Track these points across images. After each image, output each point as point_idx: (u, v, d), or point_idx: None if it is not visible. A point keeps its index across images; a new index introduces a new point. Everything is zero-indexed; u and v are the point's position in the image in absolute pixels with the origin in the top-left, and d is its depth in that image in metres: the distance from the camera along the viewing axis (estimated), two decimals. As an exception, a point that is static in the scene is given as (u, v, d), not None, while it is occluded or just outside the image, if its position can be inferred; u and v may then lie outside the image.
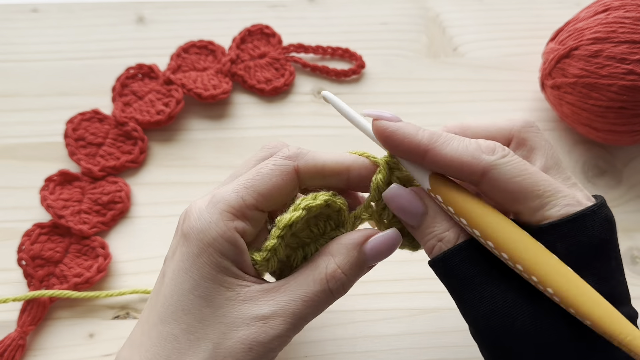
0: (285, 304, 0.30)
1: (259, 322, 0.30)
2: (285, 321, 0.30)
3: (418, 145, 0.29)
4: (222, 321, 0.30)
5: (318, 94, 0.59)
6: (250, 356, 0.30)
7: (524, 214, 0.29)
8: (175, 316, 0.30)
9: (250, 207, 0.31)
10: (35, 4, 0.62)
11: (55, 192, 0.51)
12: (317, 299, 0.31)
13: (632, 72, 0.48)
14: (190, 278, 0.30)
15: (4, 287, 0.48)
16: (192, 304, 0.30)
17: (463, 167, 0.29)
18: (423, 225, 0.31)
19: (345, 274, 0.32)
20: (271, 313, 0.30)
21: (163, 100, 0.56)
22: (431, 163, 0.30)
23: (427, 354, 0.46)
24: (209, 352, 0.29)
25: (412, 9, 0.65)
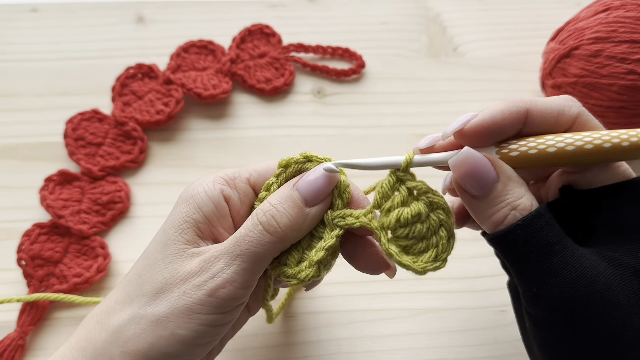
0: (220, 245, 0.31)
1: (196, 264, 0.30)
2: (220, 260, 0.30)
3: (519, 112, 0.30)
4: (167, 267, 0.31)
5: (318, 94, 0.59)
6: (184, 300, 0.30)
7: None
8: (139, 262, 0.32)
9: (243, 180, 0.34)
10: (35, 4, 0.62)
11: (54, 192, 0.51)
12: (247, 234, 0.31)
13: (632, 72, 0.47)
14: (162, 226, 0.33)
15: (3, 287, 0.48)
16: (152, 249, 0.32)
17: (559, 115, 0.30)
18: (493, 193, 0.30)
19: (274, 206, 0.31)
20: (207, 257, 0.31)
21: (163, 100, 0.56)
22: (532, 122, 0.30)
23: (427, 354, 0.46)
24: (148, 296, 0.30)
25: (413, 8, 0.65)
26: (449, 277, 0.49)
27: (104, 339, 0.30)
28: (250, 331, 0.46)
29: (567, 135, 0.30)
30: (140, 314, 0.30)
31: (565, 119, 0.30)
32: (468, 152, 0.30)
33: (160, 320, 0.29)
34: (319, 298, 0.48)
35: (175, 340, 0.29)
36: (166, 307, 0.29)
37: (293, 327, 0.47)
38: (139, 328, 0.29)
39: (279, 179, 0.34)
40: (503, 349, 0.46)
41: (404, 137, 0.57)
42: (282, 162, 0.34)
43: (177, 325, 0.29)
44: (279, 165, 0.34)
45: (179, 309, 0.29)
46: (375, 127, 0.57)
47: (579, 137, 0.30)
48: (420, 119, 0.58)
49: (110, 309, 0.31)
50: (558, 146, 0.30)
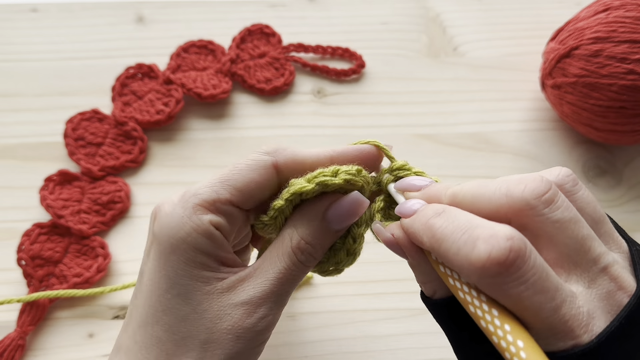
0: (262, 286, 0.30)
1: (241, 309, 0.30)
2: (266, 301, 0.30)
3: (422, 244, 0.28)
4: (205, 316, 0.29)
5: (318, 94, 0.59)
6: (239, 344, 0.29)
7: None
8: (156, 318, 0.30)
9: (225, 202, 0.30)
10: (34, 4, 0.62)
11: (54, 192, 0.51)
12: (290, 274, 0.31)
13: (632, 72, 0.47)
14: (165, 277, 0.30)
15: (3, 287, 0.48)
16: (171, 304, 0.29)
17: (461, 272, 0.25)
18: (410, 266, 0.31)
19: (310, 244, 0.31)
20: (250, 298, 0.30)
21: (163, 100, 0.56)
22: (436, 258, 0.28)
23: (427, 354, 0.46)
24: (197, 350, 0.29)
25: (413, 8, 0.65)
26: (449, 277, 0.49)
27: None
28: (250, 331, 0.46)
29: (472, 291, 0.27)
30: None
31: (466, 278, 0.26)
32: (376, 227, 0.31)
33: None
34: (319, 298, 0.48)
35: None
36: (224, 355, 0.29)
37: (293, 327, 0.47)
38: None
39: (292, 203, 0.31)
40: (503, 349, 0.46)
41: (404, 137, 0.57)
42: (296, 191, 0.30)
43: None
44: (293, 192, 0.30)
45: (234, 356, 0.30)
46: (375, 127, 0.57)
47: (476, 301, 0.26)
48: (420, 119, 0.58)
49: None
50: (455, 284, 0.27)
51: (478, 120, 0.58)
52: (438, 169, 0.54)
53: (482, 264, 0.23)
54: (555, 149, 0.57)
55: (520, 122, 0.58)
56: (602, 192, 0.55)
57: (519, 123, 0.58)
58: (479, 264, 0.23)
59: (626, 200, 0.55)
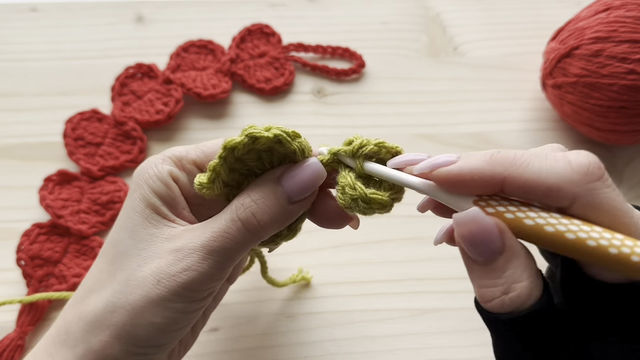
0: (196, 238, 0.30)
1: (169, 255, 0.30)
2: (194, 252, 0.30)
3: (491, 178, 0.25)
4: (140, 254, 0.30)
5: (318, 94, 0.59)
6: (158, 289, 0.29)
7: None
8: (107, 250, 0.32)
9: (190, 161, 0.33)
10: (34, 4, 0.62)
11: (54, 192, 0.51)
12: (226, 230, 0.30)
13: (633, 72, 0.47)
14: (124, 213, 0.32)
15: (3, 287, 0.48)
16: (120, 237, 0.32)
17: (550, 193, 0.24)
18: (491, 265, 0.25)
19: (256, 203, 0.30)
20: (180, 246, 0.30)
21: (162, 99, 0.56)
22: (511, 191, 0.25)
23: (427, 354, 0.46)
24: (122, 284, 0.30)
25: (413, 8, 0.65)
26: (449, 277, 0.49)
27: (82, 328, 0.30)
28: (249, 332, 0.46)
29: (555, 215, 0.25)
30: (114, 302, 0.30)
31: (557, 197, 0.25)
32: (476, 214, 0.25)
33: (136, 309, 0.29)
34: (318, 298, 0.48)
35: (152, 328, 0.29)
36: (141, 295, 0.29)
37: (292, 328, 0.47)
38: (116, 317, 0.29)
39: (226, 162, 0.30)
40: (503, 349, 0.46)
41: (404, 137, 0.56)
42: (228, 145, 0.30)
43: (153, 314, 0.29)
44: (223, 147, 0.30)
45: (154, 298, 0.29)
46: (376, 127, 0.57)
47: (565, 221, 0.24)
48: (421, 119, 0.58)
49: (84, 298, 0.31)
50: (558, 228, 0.25)
51: (478, 120, 0.58)
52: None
53: (585, 169, 0.24)
54: (556, 149, 0.57)
55: (520, 122, 0.58)
56: (602, 192, 0.55)
57: (519, 123, 0.58)
58: (582, 169, 0.24)
59: (627, 200, 0.54)
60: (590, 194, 0.24)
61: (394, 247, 0.51)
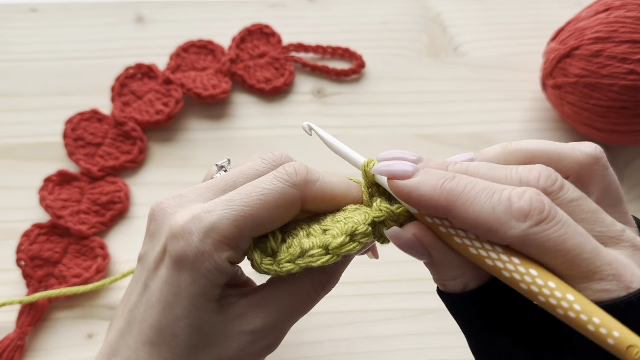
0: (273, 316, 0.30)
1: (249, 336, 0.30)
2: (272, 331, 0.31)
3: (436, 207, 0.26)
4: (215, 343, 0.30)
5: (318, 94, 0.59)
6: None
7: None
8: (166, 341, 0.29)
9: (246, 238, 0.29)
10: (34, 4, 0.62)
11: (54, 192, 0.51)
12: (303, 302, 0.31)
13: (633, 72, 0.47)
14: (181, 305, 0.29)
15: (2, 287, 0.48)
16: (183, 332, 0.29)
17: (490, 233, 0.25)
18: (430, 266, 0.30)
19: (327, 272, 0.31)
20: (259, 327, 0.30)
21: (162, 100, 0.56)
22: (455, 223, 0.27)
23: (427, 354, 0.46)
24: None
25: (413, 8, 0.65)
26: (449, 277, 0.49)
27: None
28: (249, 332, 0.46)
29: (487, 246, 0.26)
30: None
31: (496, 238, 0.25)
32: (395, 232, 0.29)
33: None
34: (319, 298, 0.48)
35: None
36: None
37: (292, 328, 0.47)
38: None
39: None
40: (503, 349, 0.46)
41: (404, 137, 0.56)
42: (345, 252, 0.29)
43: None
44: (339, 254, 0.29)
45: None
46: (376, 127, 0.57)
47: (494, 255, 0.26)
48: (421, 119, 0.58)
49: None
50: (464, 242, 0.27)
51: (478, 121, 0.58)
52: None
53: (525, 215, 0.24)
54: (556, 149, 0.57)
55: (520, 122, 0.58)
56: (602, 192, 0.55)
57: (519, 123, 0.58)
58: (522, 215, 0.24)
59: (627, 200, 0.54)
60: (527, 238, 0.24)
61: (394, 247, 0.51)
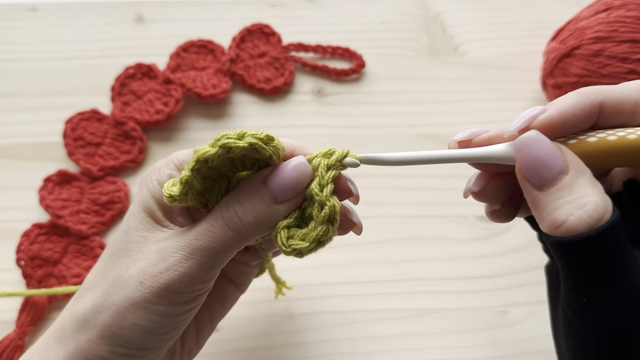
0: (179, 238, 0.30)
1: (154, 255, 0.30)
2: (178, 253, 0.29)
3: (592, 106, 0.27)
4: (130, 255, 0.30)
5: (318, 94, 0.59)
6: (140, 291, 0.29)
7: None
8: (105, 252, 0.33)
9: None
10: (34, 3, 0.62)
11: (54, 192, 0.51)
12: (210, 230, 0.29)
13: (633, 72, 0.47)
14: (125, 216, 0.33)
15: (2, 287, 0.48)
16: (116, 238, 0.32)
17: (637, 106, 0.27)
18: (558, 185, 0.25)
19: (241, 203, 0.30)
20: (166, 246, 0.30)
21: (162, 99, 0.56)
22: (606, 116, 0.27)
23: (427, 354, 0.46)
24: (109, 284, 0.30)
25: (413, 8, 0.65)
26: (450, 277, 0.49)
27: (73, 327, 0.31)
28: (250, 332, 0.46)
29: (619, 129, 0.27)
30: (101, 303, 0.30)
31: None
32: (536, 136, 0.26)
33: (120, 310, 0.29)
34: (319, 299, 0.48)
35: (136, 330, 0.29)
36: (124, 297, 0.29)
37: (292, 328, 0.47)
38: (102, 318, 0.29)
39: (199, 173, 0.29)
40: (504, 349, 0.46)
41: (404, 137, 0.56)
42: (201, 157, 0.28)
43: (137, 316, 0.29)
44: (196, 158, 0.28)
45: (137, 300, 0.29)
46: (376, 127, 0.57)
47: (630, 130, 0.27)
48: (421, 119, 0.58)
49: (80, 297, 0.32)
50: (619, 134, 0.27)
51: (479, 120, 0.58)
52: (439, 169, 0.54)
53: None
54: (556, 149, 0.57)
55: (520, 122, 0.58)
56: (603, 192, 0.55)
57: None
58: None
59: (627, 200, 0.54)
60: None
61: (394, 247, 0.51)
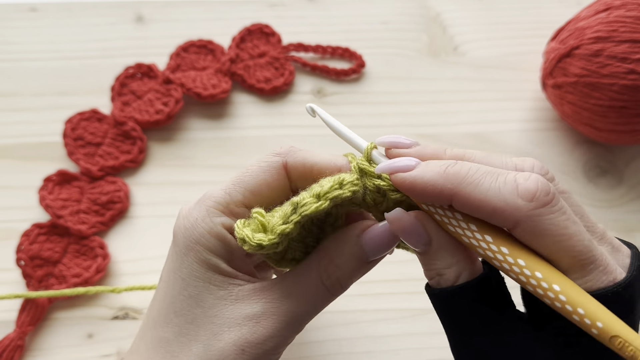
0: (277, 302, 0.29)
1: (251, 321, 0.29)
2: (279, 320, 0.29)
3: (441, 192, 0.26)
4: (214, 321, 0.29)
5: (318, 93, 0.59)
6: (243, 358, 0.28)
7: None
8: (168, 319, 0.30)
9: (238, 204, 0.30)
10: (34, 3, 0.62)
11: (54, 192, 0.51)
12: (311, 296, 0.29)
13: (633, 72, 0.47)
14: (179, 278, 0.29)
15: (2, 287, 0.48)
16: (183, 305, 0.29)
17: (495, 214, 0.25)
18: (425, 254, 0.28)
19: (340, 269, 0.30)
20: (263, 311, 0.29)
21: (162, 99, 0.56)
22: (458, 206, 0.27)
23: (427, 354, 0.46)
24: (199, 355, 0.29)
25: (413, 8, 0.65)
26: (450, 277, 0.49)
27: None
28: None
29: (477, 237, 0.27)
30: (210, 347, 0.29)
31: (501, 219, 0.25)
32: (398, 213, 0.29)
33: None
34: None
35: None
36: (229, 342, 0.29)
37: (293, 328, 0.47)
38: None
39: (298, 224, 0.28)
40: (504, 349, 0.46)
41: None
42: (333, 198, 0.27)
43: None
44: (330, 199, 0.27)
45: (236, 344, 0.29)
46: (376, 127, 0.57)
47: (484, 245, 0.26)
48: (421, 119, 0.58)
49: None
50: (457, 231, 0.27)
51: (479, 120, 0.58)
52: (438, 169, 0.54)
53: (531, 196, 0.25)
54: (556, 149, 0.57)
55: (521, 122, 0.58)
56: (603, 192, 0.55)
57: (519, 123, 0.58)
58: (528, 195, 0.25)
59: (627, 200, 0.55)
60: (532, 220, 0.25)
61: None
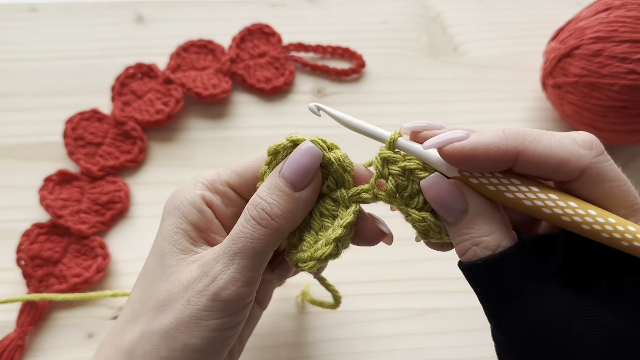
0: (216, 249, 0.31)
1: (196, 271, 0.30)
2: (218, 262, 0.30)
3: (505, 152, 0.26)
4: (169, 279, 0.30)
5: (318, 93, 0.59)
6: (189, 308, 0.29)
7: None
8: (139, 280, 0.33)
9: (222, 183, 0.33)
10: (34, 3, 0.62)
11: (54, 191, 0.51)
12: (243, 230, 0.30)
13: (633, 72, 0.47)
14: (155, 241, 0.32)
15: (3, 287, 0.48)
16: (150, 265, 0.32)
17: (561, 166, 0.26)
18: (460, 224, 0.28)
19: (262, 197, 0.31)
20: (205, 260, 0.30)
21: (162, 99, 0.56)
22: (523, 165, 0.27)
23: (427, 354, 0.46)
24: (153, 310, 0.30)
25: (413, 8, 0.65)
26: (450, 277, 0.49)
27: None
28: (250, 331, 0.46)
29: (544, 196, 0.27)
30: (149, 330, 0.30)
31: (567, 170, 0.27)
32: (436, 179, 0.29)
33: (170, 332, 0.29)
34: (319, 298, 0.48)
35: (188, 351, 0.29)
36: (173, 318, 0.29)
37: (293, 328, 0.47)
38: (151, 344, 0.29)
39: (270, 166, 0.33)
40: (503, 349, 0.46)
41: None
42: (271, 150, 0.32)
43: (188, 335, 0.29)
44: (268, 152, 0.33)
45: (186, 319, 0.29)
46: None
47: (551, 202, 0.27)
48: (421, 119, 0.57)
49: (121, 330, 0.31)
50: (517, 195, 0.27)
51: (479, 120, 0.58)
52: (438, 169, 0.54)
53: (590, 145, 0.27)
54: (556, 148, 0.57)
55: (521, 121, 0.58)
56: (602, 192, 0.55)
57: (519, 123, 0.58)
58: (587, 144, 0.27)
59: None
60: (595, 166, 0.26)
61: (394, 247, 0.51)
